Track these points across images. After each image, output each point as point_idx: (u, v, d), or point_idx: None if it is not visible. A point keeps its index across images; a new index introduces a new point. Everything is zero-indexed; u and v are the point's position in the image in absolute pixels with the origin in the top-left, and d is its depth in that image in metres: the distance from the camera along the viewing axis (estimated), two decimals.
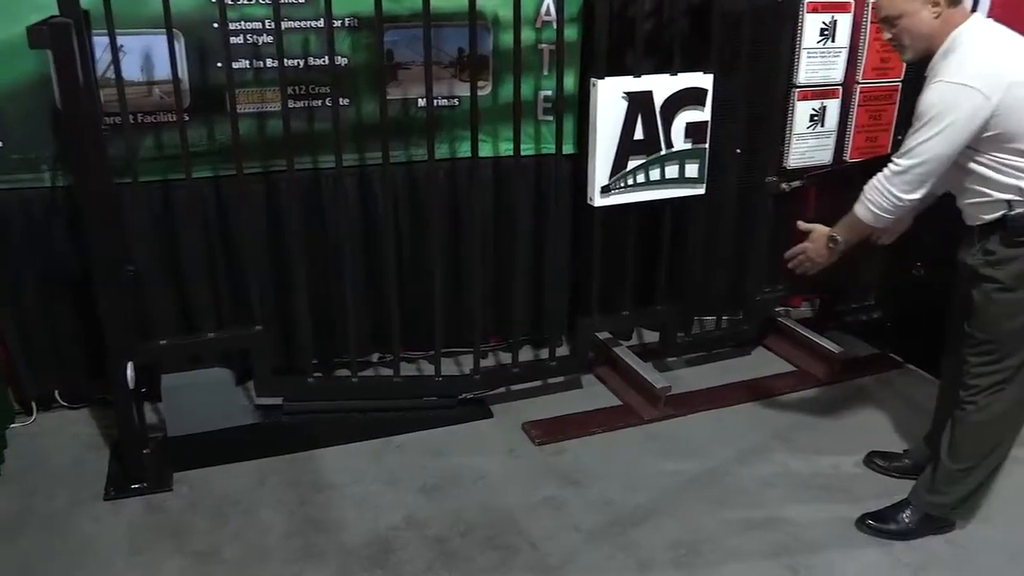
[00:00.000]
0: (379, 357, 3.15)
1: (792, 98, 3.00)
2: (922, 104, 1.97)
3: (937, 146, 1.96)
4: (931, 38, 2.02)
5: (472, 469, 2.63)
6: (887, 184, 2.03)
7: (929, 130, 1.95)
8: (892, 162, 2.02)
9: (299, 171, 2.65)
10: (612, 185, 2.73)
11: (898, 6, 2.02)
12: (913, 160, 1.98)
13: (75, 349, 2.78)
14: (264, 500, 2.47)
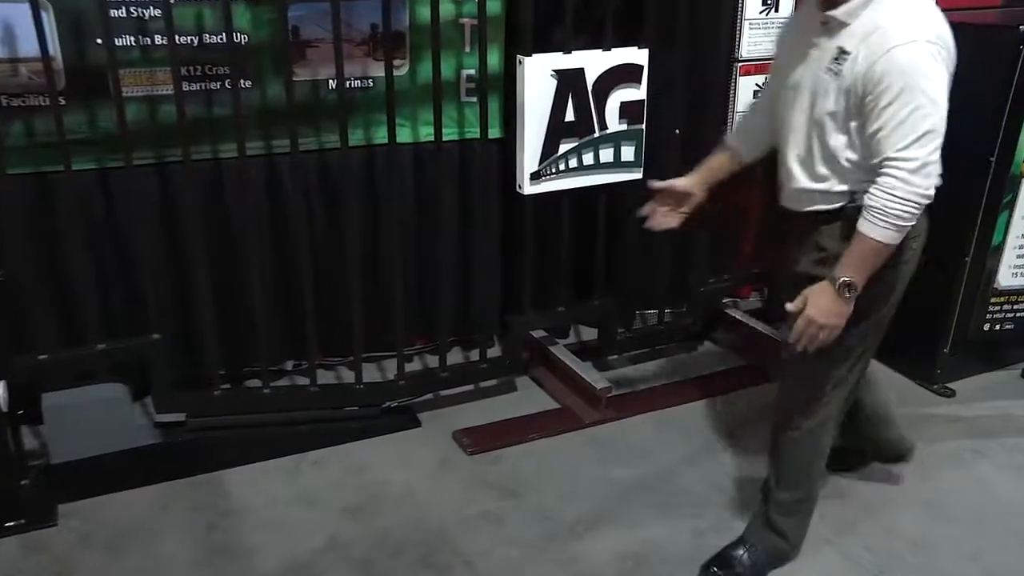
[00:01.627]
0: (294, 365, 3.10)
1: (735, 73, 2.99)
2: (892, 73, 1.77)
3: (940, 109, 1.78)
4: None
5: (399, 484, 2.59)
6: (910, 187, 1.77)
7: (923, 97, 1.76)
8: (899, 160, 1.77)
9: (197, 161, 2.57)
10: (543, 171, 2.72)
11: None
12: (926, 145, 1.76)
13: None
14: (167, 528, 2.40)
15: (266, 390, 2.78)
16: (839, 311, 1.88)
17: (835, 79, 1.86)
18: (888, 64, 1.77)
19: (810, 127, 1.95)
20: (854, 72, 1.82)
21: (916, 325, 3.02)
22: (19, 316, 2.56)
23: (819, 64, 1.90)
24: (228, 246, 2.76)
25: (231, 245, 2.76)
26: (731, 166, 2.29)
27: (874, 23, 1.82)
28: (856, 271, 1.85)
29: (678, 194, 2.28)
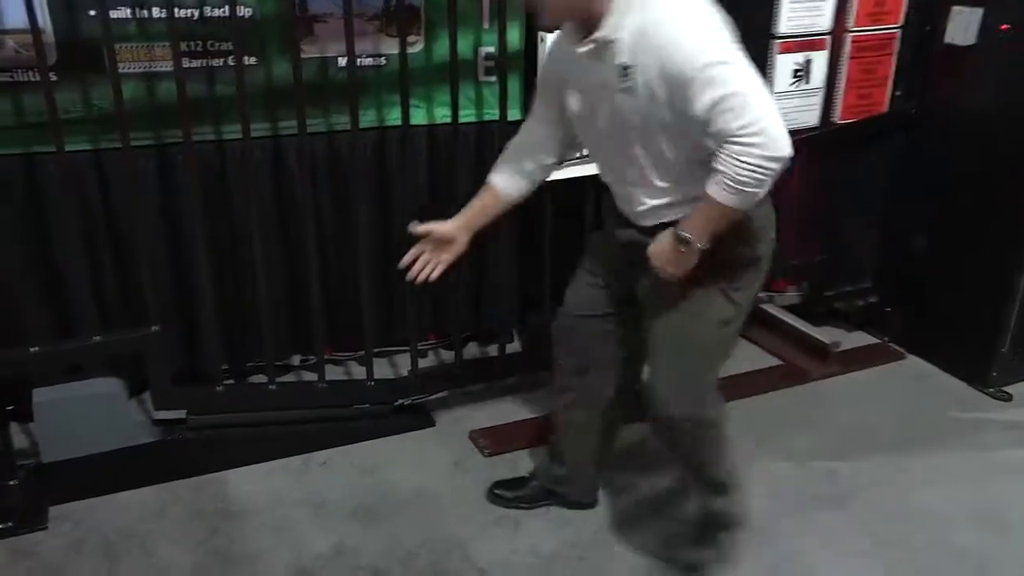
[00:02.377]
0: (301, 360, 3.07)
1: (772, 51, 2.92)
2: (687, 59, 1.73)
3: (741, 66, 1.75)
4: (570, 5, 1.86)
5: (411, 487, 2.56)
6: (756, 151, 1.73)
7: (720, 69, 1.72)
8: (739, 135, 1.73)
9: (198, 143, 2.53)
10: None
11: None
12: (754, 108, 1.72)
13: None
14: (165, 533, 2.37)
15: (271, 386, 2.76)
16: (675, 260, 1.91)
17: (632, 96, 1.84)
18: (671, 59, 1.75)
19: (633, 151, 1.93)
20: (647, 81, 1.81)
21: (971, 323, 2.98)
22: (8, 307, 2.54)
23: (609, 89, 1.88)
24: (231, 233, 2.74)
25: (234, 232, 2.73)
26: (499, 207, 2.20)
27: (638, 27, 1.80)
28: (697, 230, 1.86)
29: (439, 240, 2.17)
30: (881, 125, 3.11)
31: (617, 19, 1.82)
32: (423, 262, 2.17)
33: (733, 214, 1.83)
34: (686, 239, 1.87)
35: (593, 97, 1.94)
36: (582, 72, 1.94)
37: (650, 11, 1.79)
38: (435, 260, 2.17)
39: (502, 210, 2.21)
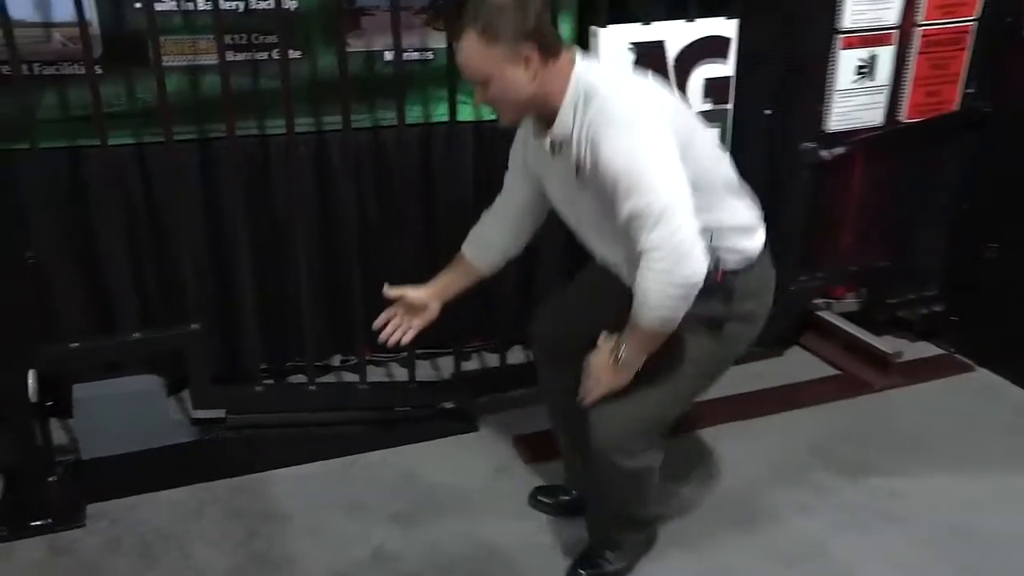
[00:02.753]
0: (341, 360, 3.06)
1: (835, 46, 2.84)
2: (615, 162, 1.79)
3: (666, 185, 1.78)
4: (532, 101, 1.91)
5: (453, 493, 2.54)
6: (663, 276, 1.77)
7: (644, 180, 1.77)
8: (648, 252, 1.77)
9: (241, 137, 2.53)
10: None
11: (486, 69, 1.88)
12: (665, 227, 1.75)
13: None
14: (202, 534, 2.37)
15: (311, 387, 2.75)
16: (611, 377, 1.95)
17: (587, 190, 1.91)
18: (606, 161, 1.81)
19: (607, 233, 1.97)
20: (590, 178, 1.87)
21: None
22: (49, 302, 2.56)
23: (569, 182, 1.95)
24: (273, 229, 2.74)
25: (276, 228, 2.74)
26: (471, 279, 2.27)
27: (585, 123, 1.87)
28: (632, 351, 1.91)
29: (411, 305, 2.24)
30: (951, 124, 3.02)
31: (567, 115, 1.89)
32: (394, 326, 2.25)
33: (660, 334, 1.86)
34: (625, 363, 1.91)
35: (560, 186, 2.03)
36: (546, 163, 2.02)
37: (591, 106, 1.86)
38: (406, 325, 2.25)
39: (475, 282, 2.28)
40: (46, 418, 2.48)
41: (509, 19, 1.83)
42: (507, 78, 1.87)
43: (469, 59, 1.87)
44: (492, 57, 1.85)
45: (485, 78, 1.87)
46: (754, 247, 2.02)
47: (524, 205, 2.19)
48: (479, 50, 1.85)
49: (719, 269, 1.92)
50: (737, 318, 2.00)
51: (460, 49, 1.88)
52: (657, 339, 1.88)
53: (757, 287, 2.03)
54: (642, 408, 1.98)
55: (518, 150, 2.18)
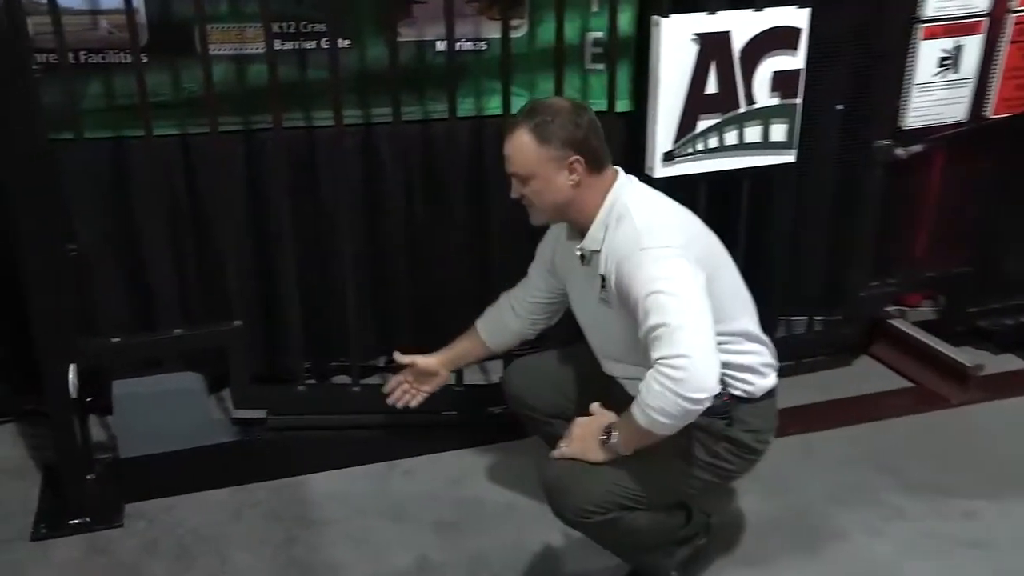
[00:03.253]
0: (386, 361, 2.97)
1: (915, 37, 2.75)
2: (636, 288, 1.92)
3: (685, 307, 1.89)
4: (567, 207, 2.06)
5: (500, 501, 2.53)
6: (668, 391, 1.84)
7: (671, 298, 1.88)
8: (660, 365, 1.86)
9: (288, 129, 2.53)
10: (677, 151, 2.64)
11: (531, 166, 2.02)
12: (681, 344, 1.84)
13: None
14: (240, 537, 2.38)
15: (355, 388, 2.75)
16: (591, 452, 2.01)
17: (608, 307, 2.05)
18: (628, 283, 1.94)
19: (619, 347, 2.10)
20: (613, 295, 2.01)
21: None
22: (90, 295, 2.57)
23: (593, 292, 2.09)
24: (318, 224, 2.75)
25: (322, 223, 2.74)
26: (481, 355, 2.46)
27: (614, 242, 2.01)
28: (623, 439, 1.97)
29: (422, 372, 2.40)
30: None
31: (598, 231, 2.04)
32: (403, 391, 2.42)
33: (654, 435, 1.92)
34: (612, 446, 1.98)
35: (582, 294, 2.16)
36: (574, 268, 2.15)
37: (620, 229, 2.00)
38: (415, 390, 2.42)
39: (485, 358, 2.48)
40: (85, 414, 2.50)
41: (562, 124, 1.99)
42: (549, 180, 2.01)
43: (517, 153, 2.02)
44: (540, 156, 1.99)
45: (528, 175, 2.02)
46: (761, 387, 2.10)
47: (545, 299, 2.34)
48: (530, 147, 1.99)
49: (725, 392, 2.01)
50: (732, 443, 2.07)
51: (510, 142, 2.03)
52: (649, 439, 1.93)
53: (757, 424, 2.10)
54: (601, 486, 2.00)
55: (548, 244, 2.31)
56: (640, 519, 2.03)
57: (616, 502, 1.98)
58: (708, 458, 2.05)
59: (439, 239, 2.79)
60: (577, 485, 1.99)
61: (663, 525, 2.10)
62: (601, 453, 2.00)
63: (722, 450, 2.07)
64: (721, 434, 2.05)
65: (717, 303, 1.96)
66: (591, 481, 1.99)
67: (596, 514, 1.98)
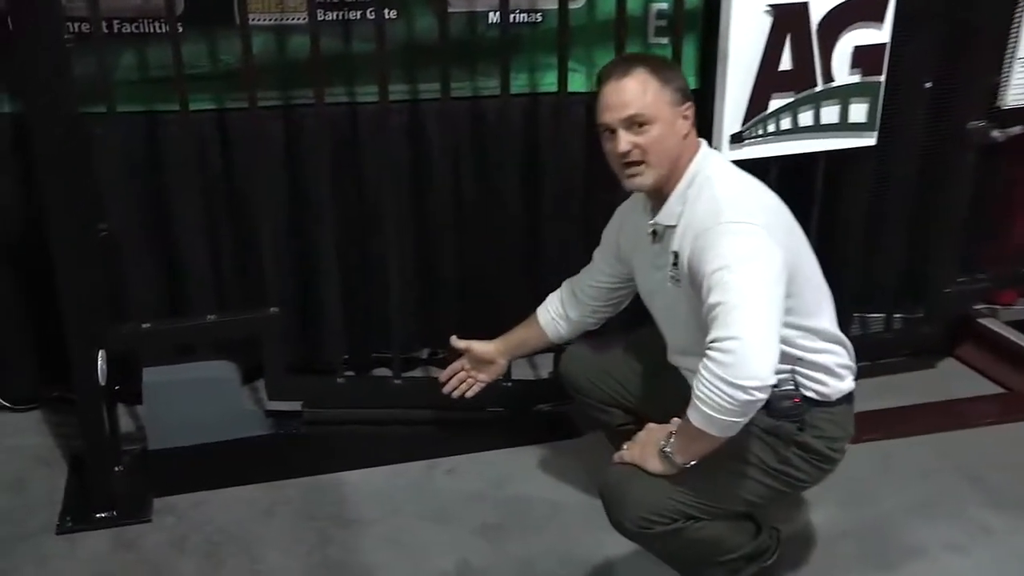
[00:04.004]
0: (430, 353, 3.06)
1: (1020, 6, 2.66)
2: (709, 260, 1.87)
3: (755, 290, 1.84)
4: (675, 162, 2.00)
5: (548, 504, 2.51)
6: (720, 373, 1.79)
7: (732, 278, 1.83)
8: (713, 344, 1.82)
9: (330, 105, 2.53)
10: (747, 133, 2.61)
11: (656, 107, 1.95)
12: (742, 325, 1.80)
13: (23, 332, 2.74)
14: (273, 537, 2.38)
15: (397, 381, 2.75)
16: (648, 462, 1.98)
17: (677, 286, 2.01)
18: (698, 257, 1.90)
19: (689, 337, 2.03)
20: (685, 273, 1.97)
21: None
22: (120, 278, 2.60)
23: (662, 273, 2.06)
24: (361, 207, 2.76)
25: (364, 206, 2.75)
26: (540, 345, 2.45)
27: (691, 217, 1.97)
28: (680, 448, 1.93)
29: (478, 359, 2.42)
30: None
31: (676, 204, 2.00)
32: (459, 379, 2.44)
33: (711, 438, 1.87)
34: (667, 455, 1.94)
35: (651, 275, 2.13)
36: (642, 247, 2.13)
37: (701, 200, 1.96)
38: (472, 379, 2.43)
39: (544, 348, 2.49)
40: (114, 403, 2.52)
41: (674, 69, 2.01)
42: (672, 125, 1.96)
43: (637, 94, 1.93)
44: (663, 97, 1.94)
45: (652, 117, 1.94)
46: (836, 390, 2.05)
47: (609, 285, 2.31)
48: (653, 86, 1.93)
49: (797, 394, 1.98)
50: (803, 449, 2.02)
51: (626, 83, 1.94)
52: (706, 443, 1.89)
53: (831, 429, 2.05)
54: (663, 492, 1.96)
55: (613, 229, 2.30)
56: (705, 530, 1.98)
57: (679, 510, 1.94)
58: (777, 464, 1.99)
59: (488, 223, 2.79)
60: (637, 492, 1.95)
61: (729, 538, 2.04)
62: (657, 462, 1.96)
63: (792, 456, 2.00)
64: (791, 439, 2.00)
65: (796, 295, 1.92)
66: (652, 487, 1.94)
67: (658, 524, 1.93)
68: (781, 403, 1.91)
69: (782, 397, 1.94)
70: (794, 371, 1.94)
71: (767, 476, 2.00)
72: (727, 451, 1.90)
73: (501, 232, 2.69)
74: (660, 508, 1.95)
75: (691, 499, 1.95)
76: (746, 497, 2.02)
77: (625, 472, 2.00)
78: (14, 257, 2.63)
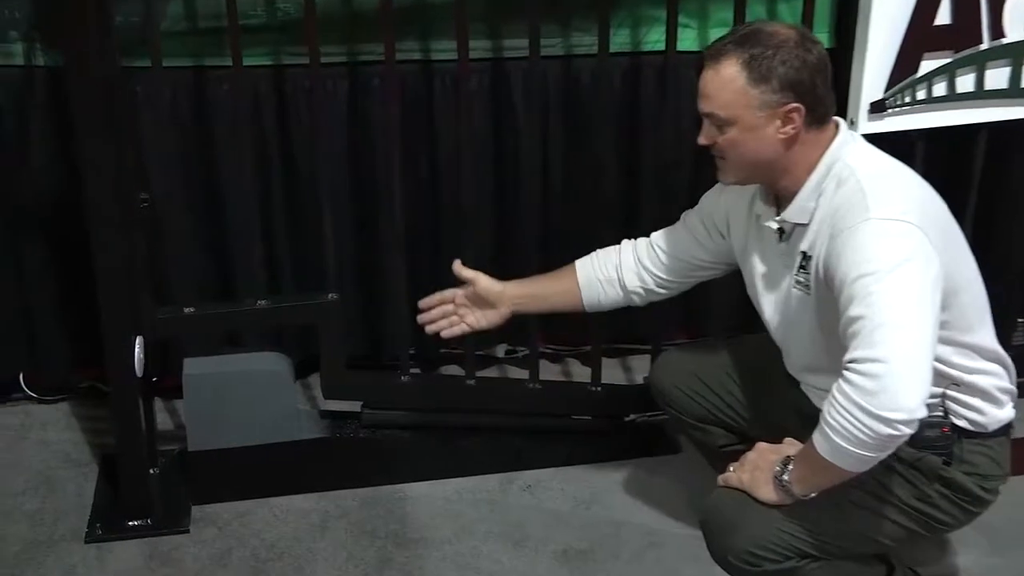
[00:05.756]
0: (507, 351, 3.09)
1: None
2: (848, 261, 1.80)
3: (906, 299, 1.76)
4: (770, 167, 1.93)
5: (641, 530, 2.50)
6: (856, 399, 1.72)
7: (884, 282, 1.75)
8: (851, 364, 1.75)
9: (401, 63, 2.50)
10: (890, 100, 2.54)
11: (735, 108, 1.88)
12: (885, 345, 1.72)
13: (53, 314, 2.78)
14: (326, 555, 2.40)
15: (469, 381, 2.73)
16: (760, 487, 1.93)
17: (805, 293, 1.95)
18: (839, 255, 1.83)
19: (815, 349, 2.00)
20: (817, 277, 1.91)
21: None
22: (162, 255, 2.62)
23: (786, 279, 2.00)
24: (434, 181, 2.77)
25: (438, 179, 2.77)
26: (562, 304, 2.33)
27: (828, 212, 1.90)
28: (798, 477, 1.87)
29: (479, 298, 2.30)
30: None
31: (808, 199, 1.92)
32: (442, 312, 2.31)
33: (838, 471, 1.81)
34: (783, 484, 1.89)
35: (769, 278, 2.06)
36: (762, 243, 2.06)
37: (841, 192, 1.88)
38: (459, 318, 2.31)
39: (563, 309, 2.34)
40: (151, 397, 2.54)
41: (784, 60, 1.85)
42: (755, 130, 1.88)
43: (718, 89, 1.88)
44: (749, 98, 1.86)
45: (729, 119, 1.88)
46: (995, 418, 1.97)
47: (693, 264, 2.23)
48: (737, 83, 1.85)
49: (946, 422, 1.92)
50: (949, 486, 1.95)
51: (710, 74, 1.89)
52: (831, 475, 1.83)
53: (984, 465, 1.96)
54: (775, 525, 1.93)
55: (723, 201, 2.19)
56: (823, 571, 1.93)
57: (794, 546, 1.88)
58: (915, 502, 1.91)
59: (579, 202, 2.77)
60: (744, 522, 1.90)
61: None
62: (771, 490, 1.91)
63: (935, 494, 1.93)
64: (936, 474, 1.92)
65: (953, 307, 1.85)
66: (762, 518, 1.88)
67: (767, 560, 1.88)
68: (926, 432, 1.82)
69: (929, 425, 1.85)
70: (945, 395, 1.87)
71: (902, 515, 1.92)
72: (855, 481, 1.82)
73: (594, 212, 2.65)
74: (771, 542, 1.89)
75: (809, 534, 1.89)
76: (875, 537, 1.95)
77: (731, 498, 1.94)
78: (46, 229, 2.66)
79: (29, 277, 2.76)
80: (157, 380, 2.61)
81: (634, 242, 2.30)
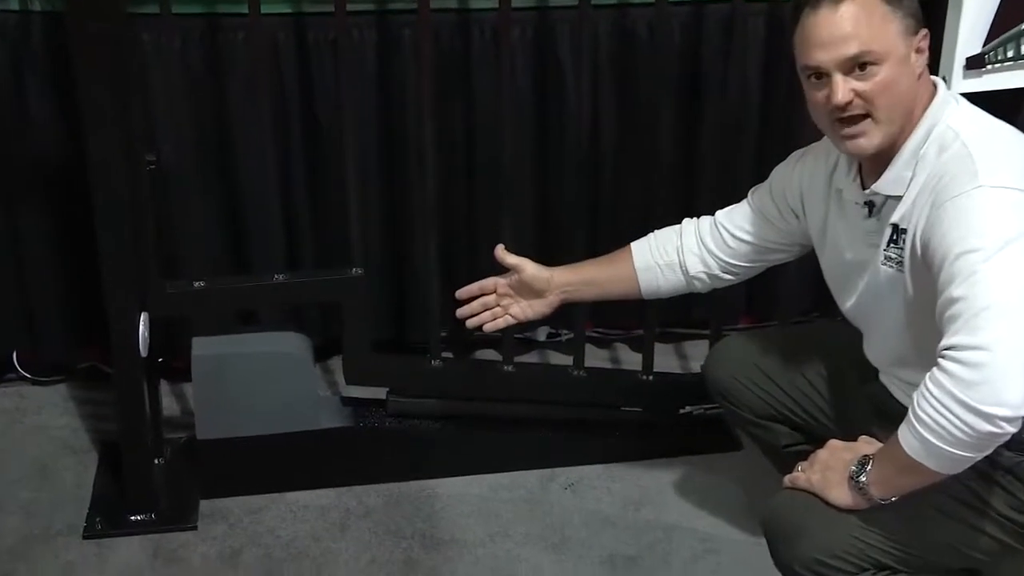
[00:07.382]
0: (549, 334, 3.10)
1: None
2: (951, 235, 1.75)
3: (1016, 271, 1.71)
4: (910, 115, 1.87)
5: (696, 535, 2.50)
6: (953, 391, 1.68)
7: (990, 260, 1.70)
8: (948, 352, 1.71)
9: (436, 12, 2.49)
10: (989, 56, 2.53)
11: (888, 40, 1.81)
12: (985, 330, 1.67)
13: (51, 287, 2.79)
14: (345, 556, 2.41)
15: (507, 367, 2.74)
16: (831, 487, 1.91)
17: (898, 271, 1.91)
18: (941, 226, 1.78)
19: (904, 336, 1.97)
20: (913, 252, 1.86)
21: None
22: (169, 224, 2.63)
23: (873, 256, 1.96)
24: (469, 144, 2.77)
25: (474, 143, 2.77)
26: (615, 288, 2.30)
27: (928, 180, 1.85)
28: (878, 477, 1.84)
29: (525, 286, 2.28)
30: None
31: (905, 168, 1.87)
32: (483, 304, 2.31)
33: (925, 472, 1.77)
34: (860, 485, 1.86)
35: (851, 256, 2.03)
36: (845, 220, 2.02)
37: (943, 157, 1.83)
38: (501, 309, 2.31)
39: (618, 297, 2.32)
40: (157, 379, 2.54)
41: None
42: (905, 62, 1.83)
43: (863, 24, 1.81)
44: (894, 28, 1.82)
45: (880, 56, 1.81)
46: None
47: (762, 246, 2.21)
48: (881, 10, 1.81)
49: None
50: None
51: (842, 10, 1.82)
52: (917, 477, 1.80)
53: None
54: (847, 531, 1.91)
55: (793, 178, 2.16)
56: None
57: (869, 556, 1.86)
58: (1012, 513, 1.87)
59: (632, 166, 2.77)
60: (813, 527, 1.88)
61: None
62: (844, 493, 1.89)
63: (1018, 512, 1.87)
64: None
65: None
66: (834, 523, 1.86)
67: (838, 571, 1.86)
68: None
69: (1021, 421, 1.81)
70: None
71: (996, 527, 1.89)
72: (942, 485, 1.79)
73: (649, 177, 2.66)
74: (843, 551, 1.87)
75: (887, 543, 1.87)
76: (964, 551, 1.92)
77: (799, 501, 1.93)
78: (44, 193, 2.67)
79: (24, 246, 2.78)
80: (163, 361, 2.61)
81: (696, 221, 2.27)
